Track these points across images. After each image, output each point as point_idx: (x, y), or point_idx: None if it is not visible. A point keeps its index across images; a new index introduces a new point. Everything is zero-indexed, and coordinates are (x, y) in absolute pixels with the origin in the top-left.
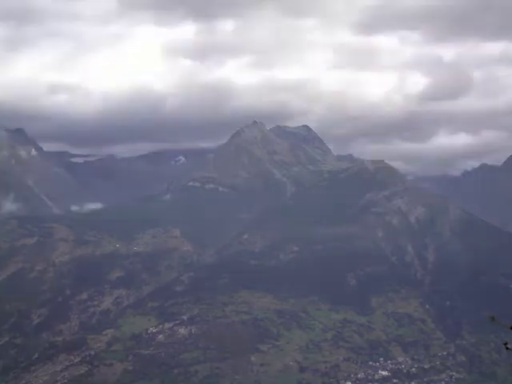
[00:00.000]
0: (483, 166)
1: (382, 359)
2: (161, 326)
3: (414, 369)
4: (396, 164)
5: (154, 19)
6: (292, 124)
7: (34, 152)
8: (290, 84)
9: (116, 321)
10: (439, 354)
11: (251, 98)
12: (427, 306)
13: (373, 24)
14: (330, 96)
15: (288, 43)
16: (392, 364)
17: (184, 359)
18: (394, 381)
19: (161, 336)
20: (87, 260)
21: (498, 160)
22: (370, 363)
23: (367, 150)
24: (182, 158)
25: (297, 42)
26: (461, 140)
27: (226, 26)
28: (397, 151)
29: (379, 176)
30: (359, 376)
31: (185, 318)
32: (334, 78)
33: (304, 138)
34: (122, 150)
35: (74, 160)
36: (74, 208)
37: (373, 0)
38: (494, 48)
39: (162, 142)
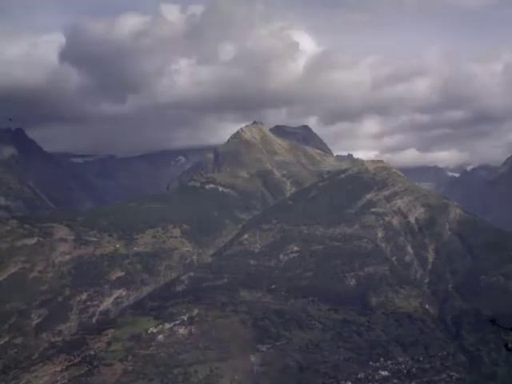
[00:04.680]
0: (483, 166)
1: (382, 359)
2: (161, 326)
3: (414, 369)
4: None
5: None
6: (292, 124)
7: (33, 152)
8: None
9: (116, 321)
10: (439, 354)
11: None
12: (427, 306)
13: None
14: None
15: None
16: (392, 364)
17: (184, 359)
18: (394, 381)
19: (161, 336)
20: (87, 260)
21: (498, 160)
22: (370, 363)
23: None
24: (182, 158)
25: None
26: None
27: None
28: None
29: (379, 176)
30: (359, 376)
31: (185, 318)
32: None
33: (304, 138)
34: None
35: (74, 160)
36: (74, 208)
37: None
38: None
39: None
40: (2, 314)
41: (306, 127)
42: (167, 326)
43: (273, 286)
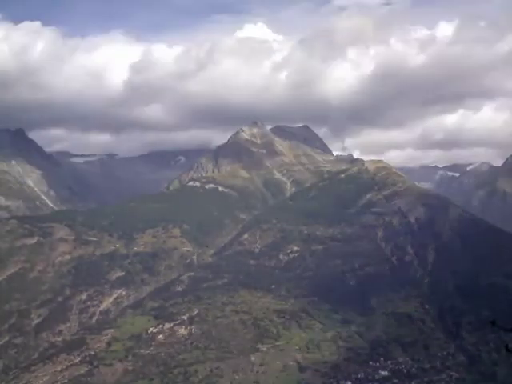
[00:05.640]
0: (483, 166)
1: (382, 359)
2: (161, 326)
3: (414, 369)
4: None
5: None
6: (292, 124)
7: (33, 152)
8: None
9: (116, 321)
10: (439, 354)
11: None
12: (427, 306)
13: None
14: None
15: None
16: (392, 364)
17: (184, 359)
18: (394, 381)
19: (161, 336)
20: (87, 260)
21: (498, 160)
22: (370, 363)
23: None
24: (182, 158)
25: None
26: None
27: None
28: None
29: (379, 176)
30: (359, 376)
31: (185, 318)
32: None
33: (304, 138)
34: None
35: (74, 160)
36: (74, 208)
37: None
38: None
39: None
40: (2, 314)
41: (306, 127)
42: (167, 325)
43: (273, 286)
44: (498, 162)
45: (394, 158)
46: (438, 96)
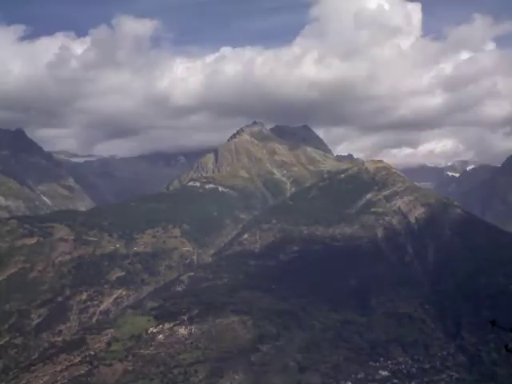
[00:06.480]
0: (483, 166)
1: (382, 359)
2: (161, 326)
3: (414, 369)
4: None
5: None
6: (292, 124)
7: (33, 152)
8: None
9: (116, 321)
10: (439, 354)
11: None
12: (427, 306)
13: None
14: None
15: None
16: (392, 364)
17: (184, 359)
18: (394, 381)
19: (161, 336)
20: (87, 260)
21: (497, 160)
22: (370, 363)
23: None
24: (182, 158)
25: None
26: None
27: None
28: None
29: (379, 176)
30: (359, 376)
31: (185, 318)
32: None
33: (304, 138)
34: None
35: (74, 160)
36: (74, 208)
37: None
38: None
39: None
40: (2, 314)
41: (305, 127)
42: (167, 325)
43: (273, 286)
44: (498, 162)
45: None
46: None
